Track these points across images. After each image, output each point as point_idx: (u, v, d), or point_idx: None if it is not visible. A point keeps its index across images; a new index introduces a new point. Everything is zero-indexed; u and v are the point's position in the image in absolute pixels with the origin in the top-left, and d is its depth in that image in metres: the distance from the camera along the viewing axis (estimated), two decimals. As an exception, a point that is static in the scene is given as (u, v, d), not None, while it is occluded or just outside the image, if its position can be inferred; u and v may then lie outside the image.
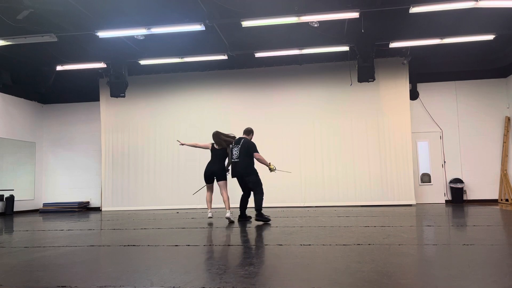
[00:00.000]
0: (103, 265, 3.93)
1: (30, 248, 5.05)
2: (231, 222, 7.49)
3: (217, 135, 7.92)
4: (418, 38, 9.96)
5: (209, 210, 7.99)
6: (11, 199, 12.13)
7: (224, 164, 7.86)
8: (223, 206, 7.84)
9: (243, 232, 6.09)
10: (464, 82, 12.24)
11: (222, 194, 7.75)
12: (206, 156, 12.43)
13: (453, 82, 12.28)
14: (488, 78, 12.13)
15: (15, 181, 12.63)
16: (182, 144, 8.44)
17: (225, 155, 7.86)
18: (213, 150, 7.95)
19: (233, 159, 7.50)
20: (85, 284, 3.11)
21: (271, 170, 7.47)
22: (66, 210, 12.91)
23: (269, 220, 7.28)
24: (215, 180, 7.83)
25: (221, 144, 7.85)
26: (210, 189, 7.97)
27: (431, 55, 11.76)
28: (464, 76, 12.25)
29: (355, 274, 3.19)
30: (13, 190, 12.31)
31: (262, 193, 7.40)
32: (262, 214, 7.24)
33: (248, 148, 7.42)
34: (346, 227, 6.30)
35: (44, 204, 13.38)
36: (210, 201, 7.97)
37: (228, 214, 7.50)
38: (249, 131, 7.82)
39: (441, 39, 9.79)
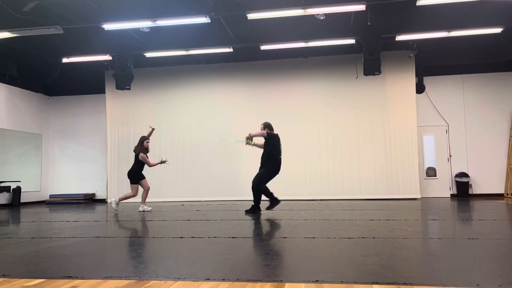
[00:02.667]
0: (109, 256, 3.96)
1: (36, 239, 5.10)
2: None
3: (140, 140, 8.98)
4: (425, 31, 9.88)
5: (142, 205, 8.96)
6: (18, 190, 12.24)
7: (135, 168, 8.77)
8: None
9: (248, 225, 6.11)
10: (471, 76, 12.15)
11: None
12: (211, 149, 12.51)
13: (460, 75, 12.19)
14: (495, 72, 12.03)
15: (22, 173, 12.73)
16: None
17: (138, 159, 8.77)
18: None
19: (280, 155, 7.91)
20: (91, 274, 3.14)
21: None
22: (72, 201, 13.01)
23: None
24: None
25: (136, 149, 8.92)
26: (142, 187, 8.94)
27: (438, 48, 11.66)
28: (471, 70, 12.15)
29: (360, 267, 3.19)
30: (19, 181, 12.41)
31: None
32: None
33: None
34: (351, 221, 6.31)
35: (51, 196, 13.49)
36: (143, 197, 8.97)
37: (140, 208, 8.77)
38: None
39: (449, 32, 9.70)
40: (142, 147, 8.85)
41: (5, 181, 11.81)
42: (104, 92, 13.39)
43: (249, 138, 7.71)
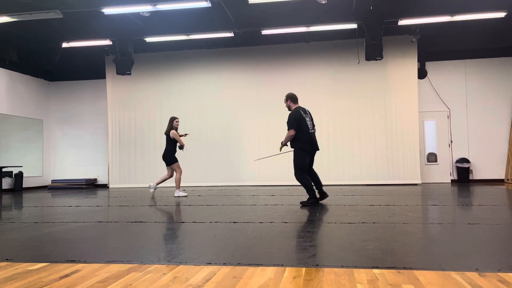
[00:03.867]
0: (111, 241, 3.99)
1: (39, 224, 5.14)
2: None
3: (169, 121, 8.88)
4: (428, 15, 9.77)
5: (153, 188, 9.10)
6: (20, 175, 12.30)
7: (169, 150, 8.72)
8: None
9: (249, 210, 6.14)
10: (473, 61, 12.06)
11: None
12: (212, 134, 12.51)
13: (462, 60, 12.10)
14: (498, 57, 11.94)
15: (24, 158, 12.77)
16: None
17: (169, 140, 8.72)
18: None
19: (310, 130, 6.58)
20: (93, 259, 3.17)
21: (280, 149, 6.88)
22: (74, 186, 13.08)
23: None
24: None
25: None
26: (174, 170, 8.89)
27: (441, 33, 11.55)
28: (474, 55, 12.07)
29: (360, 251, 3.22)
30: (21, 166, 12.46)
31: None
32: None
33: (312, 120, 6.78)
34: (351, 206, 6.34)
35: (53, 181, 13.55)
36: (163, 180, 8.94)
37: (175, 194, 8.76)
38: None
39: (452, 16, 9.60)
40: (172, 125, 8.78)
41: (7, 166, 11.86)
42: (105, 77, 13.35)
43: (281, 147, 6.78)
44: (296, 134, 6.50)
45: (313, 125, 6.76)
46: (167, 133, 8.79)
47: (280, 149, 6.85)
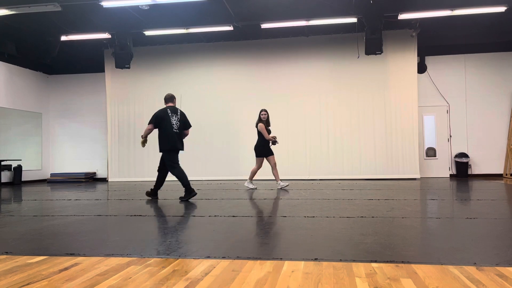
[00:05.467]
0: (110, 234, 4.00)
1: (38, 217, 5.15)
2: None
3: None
4: (428, 10, 9.73)
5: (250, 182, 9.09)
6: (19, 169, 12.29)
7: (259, 142, 8.72)
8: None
9: (248, 204, 6.16)
10: (473, 55, 12.04)
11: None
12: (211, 128, 12.49)
13: (462, 55, 12.08)
14: (498, 52, 11.92)
15: (23, 151, 12.76)
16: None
17: (259, 132, 8.68)
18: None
19: (174, 129, 6.85)
20: (93, 252, 3.18)
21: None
22: (73, 180, 13.08)
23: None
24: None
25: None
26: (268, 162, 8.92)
27: (441, 27, 11.52)
28: (473, 49, 12.04)
29: (358, 245, 3.23)
30: (20, 160, 12.45)
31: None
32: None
33: (187, 121, 7.09)
34: (350, 200, 6.35)
35: (52, 174, 13.55)
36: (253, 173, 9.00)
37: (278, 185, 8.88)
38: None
39: (452, 10, 9.56)
40: (260, 118, 8.70)
41: (6, 160, 11.85)
42: (104, 71, 13.31)
43: (144, 141, 7.02)
44: (158, 132, 6.89)
45: (181, 126, 6.94)
46: (256, 126, 8.75)
47: (142, 143, 7.07)
